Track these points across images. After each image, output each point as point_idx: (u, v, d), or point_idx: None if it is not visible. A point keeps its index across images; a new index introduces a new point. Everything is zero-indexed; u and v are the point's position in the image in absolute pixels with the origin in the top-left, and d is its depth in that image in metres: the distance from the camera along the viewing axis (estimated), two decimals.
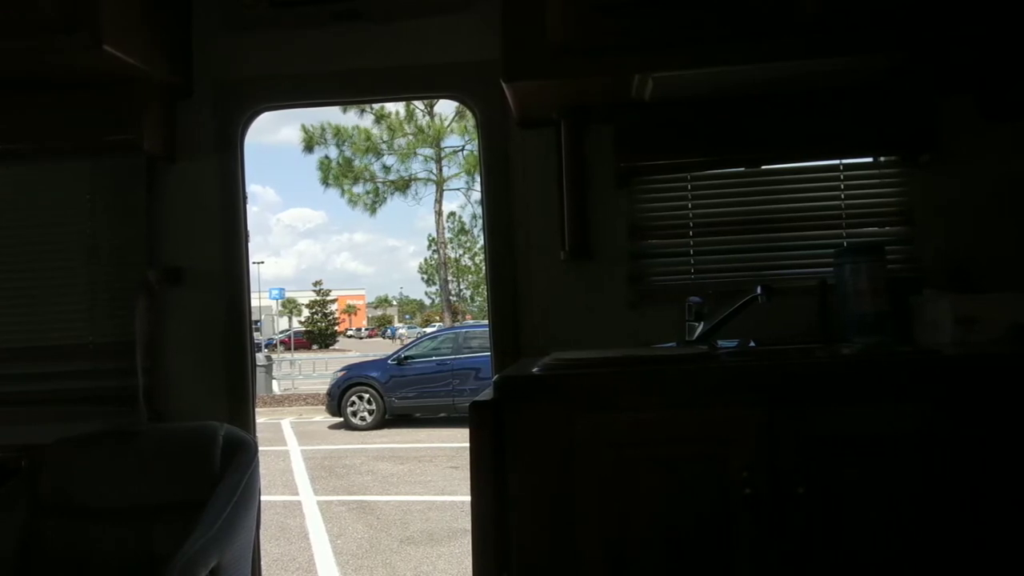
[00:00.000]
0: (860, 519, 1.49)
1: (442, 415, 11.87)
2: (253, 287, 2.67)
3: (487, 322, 2.48)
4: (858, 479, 1.49)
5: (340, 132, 20.33)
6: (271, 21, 2.40)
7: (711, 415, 1.52)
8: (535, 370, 1.63)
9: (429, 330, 24.65)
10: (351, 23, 2.38)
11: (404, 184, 21.22)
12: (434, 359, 12.30)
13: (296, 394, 16.94)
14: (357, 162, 20.67)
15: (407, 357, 12.61)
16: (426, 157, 21.31)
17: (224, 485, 2.10)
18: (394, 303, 50.51)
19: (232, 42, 2.43)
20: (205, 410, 2.37)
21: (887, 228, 2.29)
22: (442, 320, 26.84)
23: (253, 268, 2.81)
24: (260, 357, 18.13)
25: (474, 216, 25.84)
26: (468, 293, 30.30)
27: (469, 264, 28.67)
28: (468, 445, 2.49)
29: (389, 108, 20.39)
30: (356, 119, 20.48)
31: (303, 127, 20.13)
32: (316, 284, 39.16)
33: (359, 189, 20.91)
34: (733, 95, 2.13)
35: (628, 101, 2.15)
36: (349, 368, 13.43)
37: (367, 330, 46.72)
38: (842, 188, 2.30)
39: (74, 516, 2.14)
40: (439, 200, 22.86)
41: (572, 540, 1.52)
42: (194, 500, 2.08)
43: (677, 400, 1.54)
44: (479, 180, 2.53)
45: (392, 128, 20.47)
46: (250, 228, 2.53)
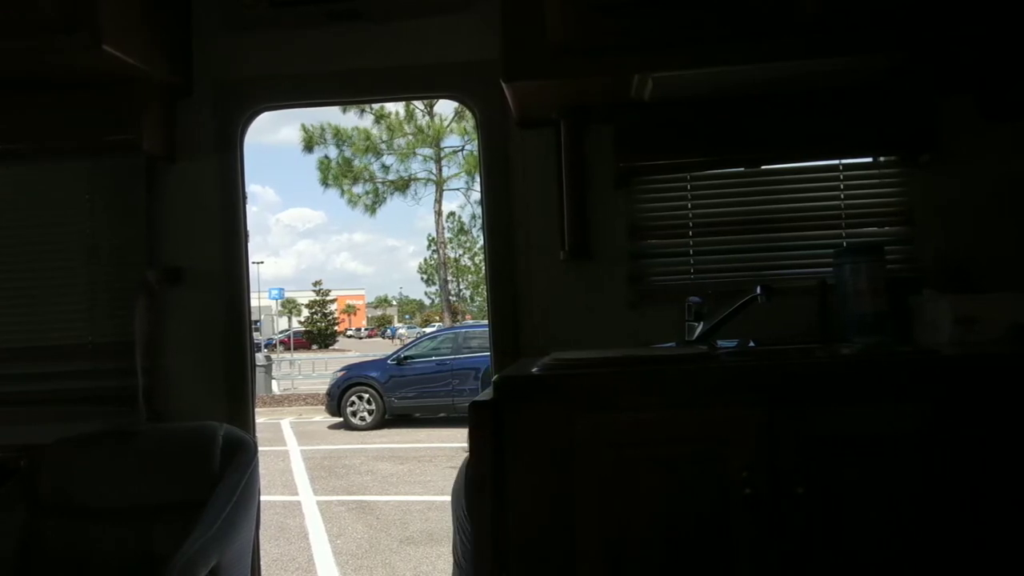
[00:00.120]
0: (860, 519, 1.49)
1: (442, 415, 11.88)
2: (253, 287, 2.67)
3: (487, 322, 2.48)
4: (858, 479, 1.49)
5: (340, 133, 20.33)
6: (271, 21, 2.40)
7: (711, 415, 1.52)
8: (535, 370, 1.63)
9: (429, 330, 24.65)
10: (351, 23, 2.38)
11: (404, 184, 21.21)
12: (434, 359, 12.31)
13: (296, 394, 16.95)
14: (357, 162, 20.66)
15: (407, 357, 12.62)
16: (425, 157, 21.32)
17: (224, 485, 2.10)
18: (394, 303, 50.52)
19: (232, 42, 2.43)
20: (205, 410, 2.37)
21: (887, 228, 2.29)
22: (442, 320, 26.84)
23: (253, 268, 2.81)
24: (260, 357, 18.14)
25: (473, 216, 25.86)
26: (468, 293, 30.30)
27: (469, 264, 28.67)
28: (468, 445, 2.50)
29: (389, 108, 20.40)
30: (356, 119, 20.49)
31: (303, 127, 20.12)
32: (316, 284, 39.20)
33: (359, 189, 20.92)
34: (733, 95, 2.13)
35: (628, 101, 2.15)
36: (349, 368, 13.43)
37: (367, 330, 46.72)
38: (842, 188, 2.30)
39: (74, 516, 2.14)
40: (439, 200, 22.86)
41: (572, 540, 1.52)
42: (194, 500, 2.08)
43: (677, 400, 1.54)
44: (479, 180, 2.53)
45: (392, 128, 20.47)
46: (250, 228, 2.53)
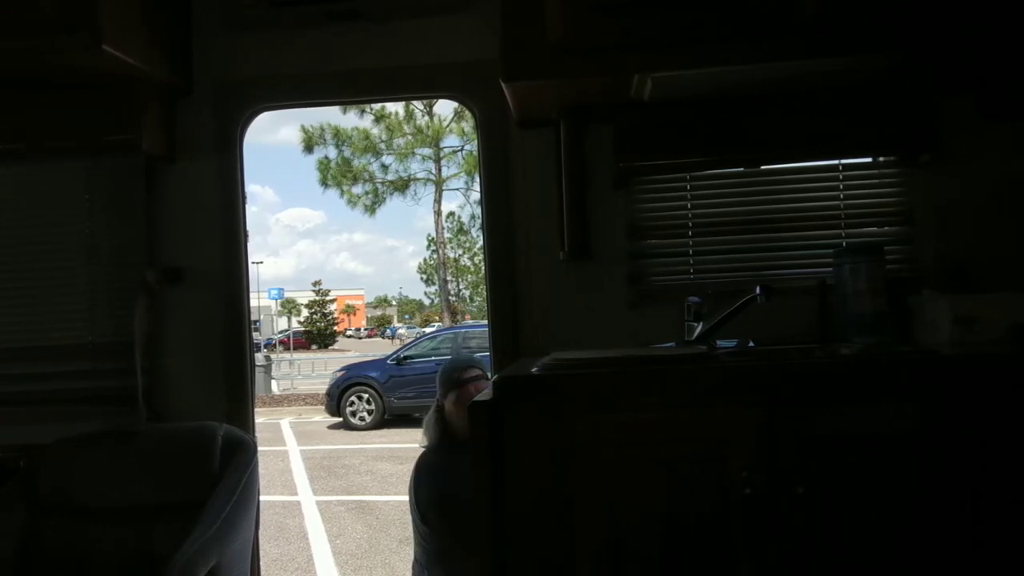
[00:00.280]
0: (860, 519, 1.49)
1: None
2: (252, 287, 2.67)
3: (486, 322, 2.48)
4: (858, 479, 1.49)
5: (339, 133, 20.33)
6: (271, 21, 2.40)
7: (711, 415, 1.52)
8: (534, 370, 1.63)
9: (428, 330, 24.66)
10: (351, 23, 2.38)
11: (403, 184, 21.22)
12: (433, 359, 12.30)
13: (295, 394, 16.95)
14: (356, 162, 20.67)
15: (406, 357, 12.63)
16: (424, 157, 21.33)
17: (223, 485, 2.10)
18: (393, 303, 50.51)
19: (232, 42, 2.43)
20: (204, 410, 2.37)
21: (886, 228, 2.29)
22: (441, 320, 26.85)
23: (252, 268, 2.82)
24: (259, 357, 18.14)
25: (473, 216, 25.84)
26: (467, 293, 30.29)
27: (468, 264, 28.66)
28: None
29: (389, 108, 20.42)
30: (356, 120, 20.51)
31: (303, 128, 20.15)
32: (315, 284, 39.19)
33: (358, 189, 20.93)
34: (733, 95, 2.13)
35: (628, 101, 2.15)
36: (348, 368, 13.44)
37: (366, 330, 46.71)
38: (841, 188, 2.30)
39: (74, 516, 2.14)
40: (438, 200, 22.86)
41: (571, 540, 1.52)
42: (193, 500, 2.08)
43: (677, 400, 1.54)
44: (478, 180, 2.53)
45: (391, 128, 20.47)
46: (249, 228, 2.54)
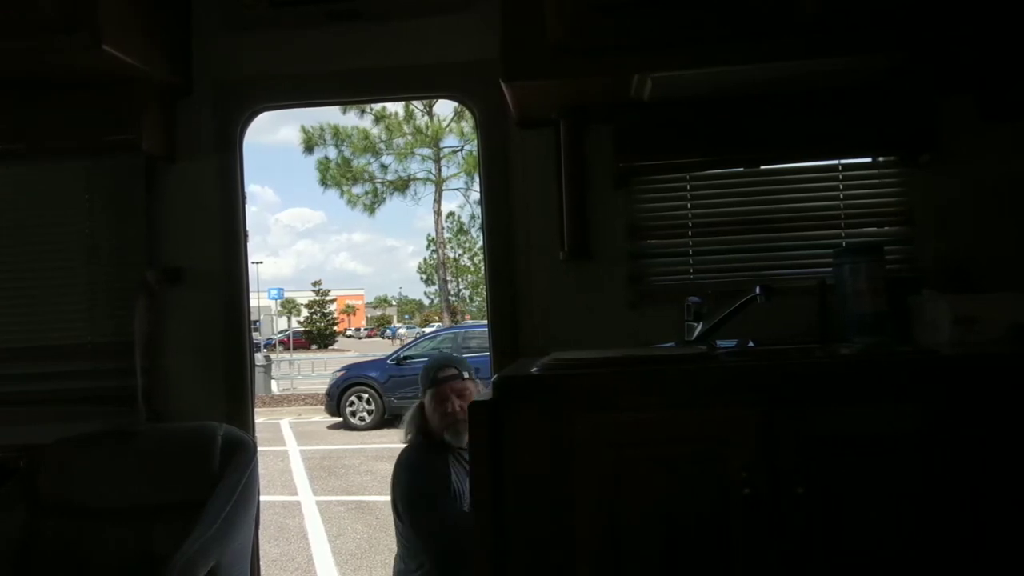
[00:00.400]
0: (859, 519, 1.49)
1: None
2: (252, 287, 2.67)
3: (486, 322, 2.48)
4: (857, 479, 1.49)
5: (339, 132, 20.33)
6: (271, 21, 2.39)
7: (710, 415, 1.52)
8: (534, 370, 1.63)
9: (428, 330, 24.66)
10: (351, 23, 2.38)
11: (403, 184, 21.23)
12: None
13: (295, 394, 16.94)
14: (356, 162, 20.67)
15: (406, 357, 12.62)
16: (424, 157, 21.33)
17: (223, 485, 2.10)
18: (393, 303, 50.49)
19: (232, 42, 2.42)
20: (204, 410, 2.37)
21: (886, 228, 2.29)
22: (441, 320, 26.84)
23: (252, 268, 2.82)
24: (259, 357, 18.12)
25: (473, 216, 25.84)
26: (467, 293, 30.30)
27: (468, 264, 28.66)
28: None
29: (389, 108, 20.43)
30: (356, 120, 20.51)
31: (303, 128, 20.16)
32: (315, 284, 39.17)
33: (358, 189, 20.93)
34: (733, 95, 2.13)
35: (627, 101, 2.15)
36: (348, 368, 13.44)
37: (366, 330, 46.68)
38: (841, 188, 2.30)
39: (74, 516, 2.14)
40: (438, 200, 22.88)
41: (571, 540, 1.52)
42: (193, 500, 2.08)
43: (676, 400, 1.54)
44: (478, 180, 2.53)
45: (390, 129, 20.48)
46: (249, 228, 2.54)
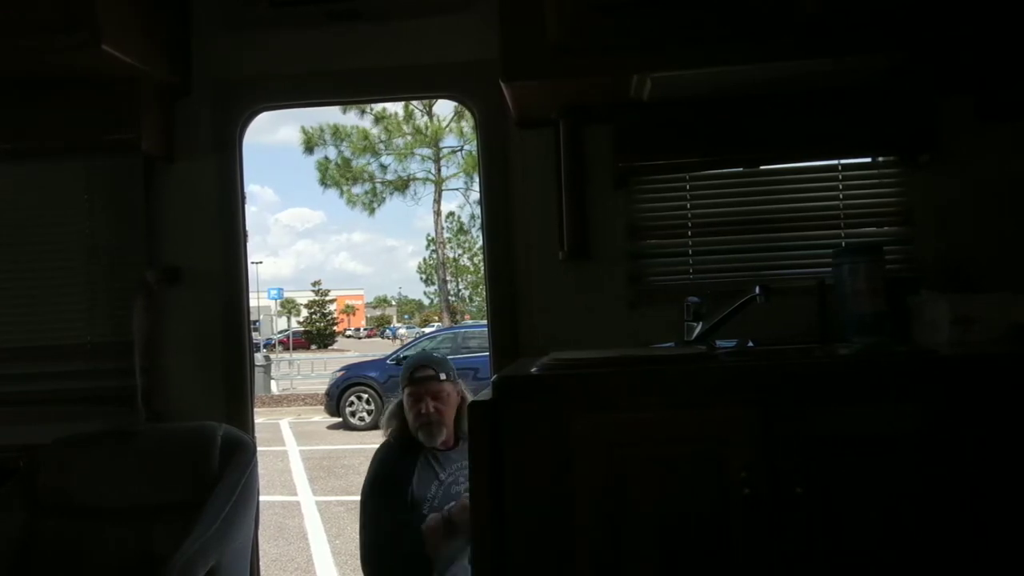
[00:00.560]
0: (859, 519, 1.49)
1: None
2: (252, 287, 2.67)
3: (486, 322, 2.48)
4: (857, 479, 1.49)
5: (338, 131, 20.34)
6: (270, 21, 2.39)
7: (710, 415, 1.52)
8: (533, 370, 1.63)
9: (428, 330, 24.67)
10: (350, 23, 2.38)
11: (403, 184, 21.23)
12: None
13: (295, 394, 16.93)
14: (355, 162, 20.67)
15: (406, 357, 12.61)
16: (424, 157, 21.34)
17: (223, 485, 2.10)
18: (393, 303, 50.46)
19: (231, 42, 2.42)
20: (204, 410, 2.37)
21: (886, 228, 2.30)
22: (441, 320, 26.84)
23: (252, 268, 2.81)
24: (259, 357, 18.11)
25: (472, 216, 25.85)
26: (467, 293, 30.31)
27: (468, 264, 28.67)
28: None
29: (388, 109, 20.44)
30: (356, 120, 20.51)
31: (303, 129, 20.17)
32: (315, 284, 39.14)
33: (358, 189, 20.93)
34: (732, 95, 2.13)
35: (627, 101, 2.15)
36: (348, 368, 13.43)
37: (366, 330, 46.65)
38: (841, 188, 2.30)
39: (73, 516, 2.14)
40: (438, 200, 22.90)
41: (571, 540, 1.51)
42: (193, 500, 2.07)
43: (676, 400, 1.54)
44: (478, 180, 2.53)
45: (390, 130, 20.49)
46: (249, 228, 2.53)
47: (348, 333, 43.82)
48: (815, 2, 1.81)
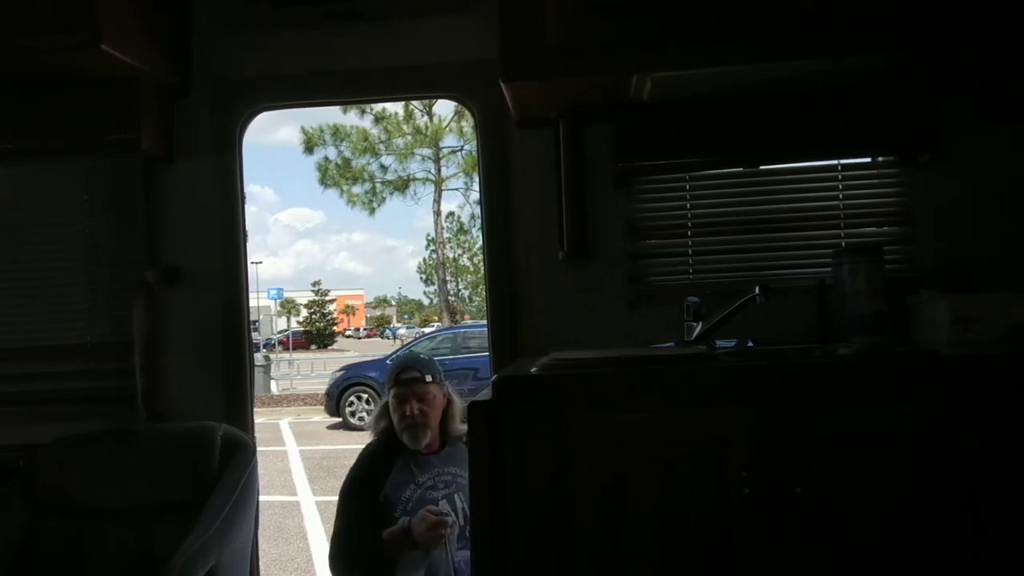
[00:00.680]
0: (859, 519, 1.49)
1: None
2: (251, 287, 2.67)
3: (485, 322, 2.48)
4: (856, 479, 1.49)
5: (338, 131, 20.33)
6: (270, 21, 2.39)
7: (710, 415, 1.52)
8: (533, 370, 1.63)
9: (428, 330, 24.66)
10: (351, 23, 2.38)
11: (403, 184, 21.23)
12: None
13: (294, 394, 16.93)
14: (355, 162, 20.67)
15: None
16: (424, 157, 21.34)
17: (223, 485, 2.10)
18: (393, 303, 50.43)
19: (231, 42, 2.42)
20: (203, 410, 2.37)
21: (885, 228, 2.29)
22: (440, 320, 26.84)
23: (251, 268, 2.81)
24: (258, 357, 18.11)
25: (472, 216, 25.84)
26: (466, 293, 30.29)
27: (467, 264, 28.66)
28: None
29: (388, 109, 20.44)
30: (356, 120, 20.51)
31: (303, 129, 20.17)
32: (315, 284, 39.14)
33: (358, 189, 20.93)
34: (732, 95, 2.13)
35: (627, 101, 2.15)
36: (348, 368, 13.43)
37: (366, 330, 46.60)
38: (841, 188, 2.30)
39: (73, 516, 2.14)
40: (437, 200, 22.89)
41: (571, 540, 1.51)
42: (193, 500, 2.07)
43: (676, 400, 1.54)
44: (478, 180, 2.53)
45: (389, 130, 20.48)
46: (248, 228, 2.53)
47: (348, 333, 43.80)
48: (815, 2, 1.81)
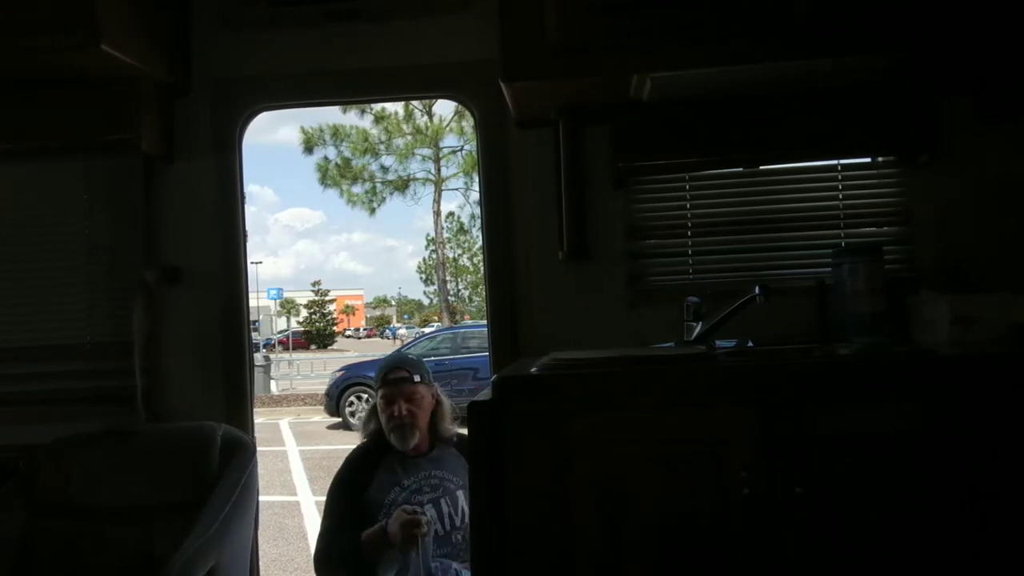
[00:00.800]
0: (858, 519, 1.49)
1: None
2: (251, 287, 2.67)
3: (485, 322, 2.48)
4: (856, 479, 1.49)
5: (338, 131, 20.33)
6: (270, 20, 2.39)
7: (709, 415, 1.52)
8: (533, 370, 1.63)
9: (427, 330, 24.65)
10: (350, 23, 2.38)
11: (403, 184, 21.23)
12: (432, 359, 12.29)
13: (294, 394, 16.92)
14: (355, 163, 20.67)
15: None
16: (424, 157, 21.34)
17: (222, 485, 2.10)
18: (393, 303, 50.42)
19: (231, 41, 2.42)
20: (203, 410, 2.37)
21: (885, 228, 2.30)
22: (440, 320, 26.83)
23: (251, 268, 2.81)
24: (258, 357, 18.11)
25: (472, 216, 25.85)
26: (466, 293, 30.30)
27: (467, 264, 28.66)
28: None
29: (388, 109, 20.44)
30: (356, 119, 20.51)
31: (302, 129, 20.17)
32: (314, 284, 39.13)
33: (358, 189, 20.93)
34: (732, 95, 2.13)
35: (627, 101, 2.15)
36: (347, 368, 13.42)
37: (365, 330, 46.60)
38: (840, 188, 2.30)
39: (73, 516, 2.14)
40: (437, 200, 22.90)
41: (570, 540, 1.51)
42: (193, 500, 2.07)
43: (675, 400, 1.54)
44: (478, 180, 2.53)
45: (389, 131, 20.48)
46: (248, 228, 2.54)
47: (348, 333, 43.79)
48: (815, 2, 1.81)
